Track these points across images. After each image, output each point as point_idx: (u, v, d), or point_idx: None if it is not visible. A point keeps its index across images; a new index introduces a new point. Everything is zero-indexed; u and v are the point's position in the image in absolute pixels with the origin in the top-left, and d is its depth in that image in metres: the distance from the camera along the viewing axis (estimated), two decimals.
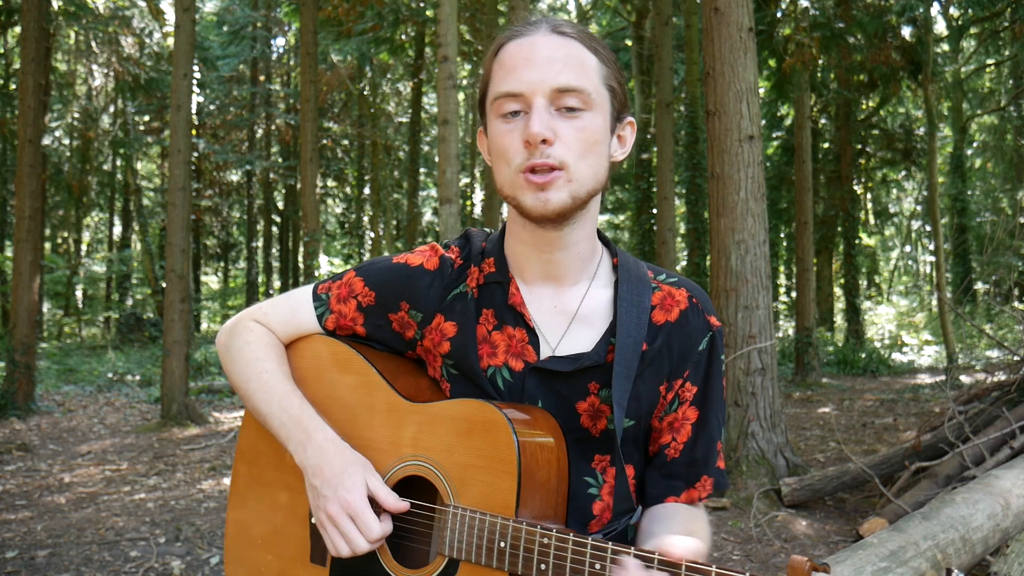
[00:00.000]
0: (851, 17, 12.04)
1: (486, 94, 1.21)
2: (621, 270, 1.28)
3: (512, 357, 1.25)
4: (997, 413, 5.15)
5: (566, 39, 1.17)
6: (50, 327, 23.76)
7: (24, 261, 9.88)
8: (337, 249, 27.02)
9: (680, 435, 1.27)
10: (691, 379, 1.27)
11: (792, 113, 15.86)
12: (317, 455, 1.23)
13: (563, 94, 1.14)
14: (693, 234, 15.78)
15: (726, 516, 5.15)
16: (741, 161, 5.77)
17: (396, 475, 1.24)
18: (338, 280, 1.38)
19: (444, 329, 1.29)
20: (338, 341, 1.36)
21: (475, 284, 1.29)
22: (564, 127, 1.14)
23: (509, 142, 1.16)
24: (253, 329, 1.39)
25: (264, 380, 1.33)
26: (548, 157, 1.13)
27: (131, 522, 5.35)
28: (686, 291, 1.29)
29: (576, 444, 1.24)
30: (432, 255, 1.33)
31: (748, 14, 5.92)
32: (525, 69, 1.14)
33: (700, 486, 1.27)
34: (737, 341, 5.69)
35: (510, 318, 1.26)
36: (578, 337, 1.25)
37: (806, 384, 12.44)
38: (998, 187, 24.07)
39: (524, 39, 1.17)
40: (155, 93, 18.21)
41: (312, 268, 12.76)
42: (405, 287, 1.31)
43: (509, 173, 1.17)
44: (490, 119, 1.20)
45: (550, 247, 1.23)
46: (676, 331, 1.26)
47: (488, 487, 1.13)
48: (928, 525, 3.30)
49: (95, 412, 10.81)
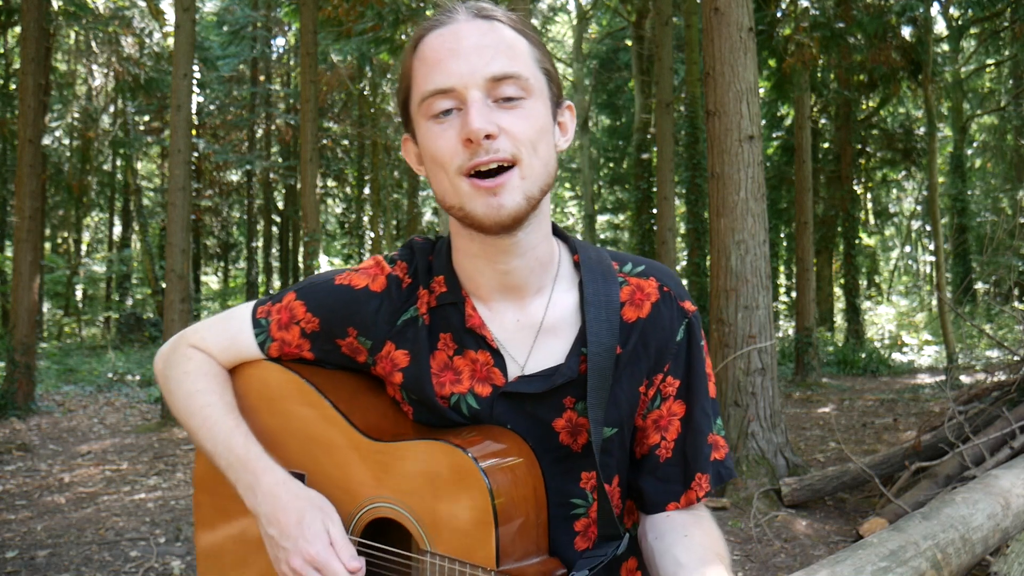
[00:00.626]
0: (851, 17, 12.04)
1: (409, 96, 1.08)
2: (584, 268, 1.15)
3: (478, 382, 1.15)
4: (997, 413, 5.15)
5: (492, 22, 1.05)
6: (50, 327, 23.75)
7: (24, 261, 9.89)
8: (337, 249, 27.02)
9: (669, 433, 1.18)
10: (672, 372, 1.17)
11: (792, 113, 15.86)
12: (269, 501, 1.13)
13: (499, 83, 1.02)
14: (693, 234, 15.78)
15: (726, 516, 5.15)
16: (741, 161, 5.77)
17: (365, 516, 1.16)
18: (278, 303, 1.24)
19: (395, 359, 1.18)
20: (287, 369, 1.24)
21: (426, 309, 1.17)
22: (506, 118, 1.02)
23: (444, 144, 1.03)
24: (192, 357, 1.27)
25: (206, 415, 1.21)
26: (496, 152, 1.01)
27: (131, 522, 5.35)
28: (655, 280, 1.18)
29: (558, 463, 1.15)
30: (378, 273, 1.20)
31: (748, 14, 5.92)
32: (452, 61, 1.02)
33: (696, 486, 1.18)
34: (737, 341, 5.69)
35: (470, 341, 1.15)
36: (547, 351, 1.14)
37: (806, 384, 12.45)
38: (998, 187, 24.08)
39: (445, 28, 1.04)
40: (155, 93, 18.21)
41: (312, 268, 12.76)
42: (351, 312, 1.19)
43: (449, 180, 1.04)
44: (418, 123, 1.07)
45: (505, 256, 1.10)
46: (650, 327, 1.15)
47: (464, 536, 1.05)
48: (928, 525, 3.30)
49: (95, 412, 10.82)
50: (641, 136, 18.49)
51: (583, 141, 22.95)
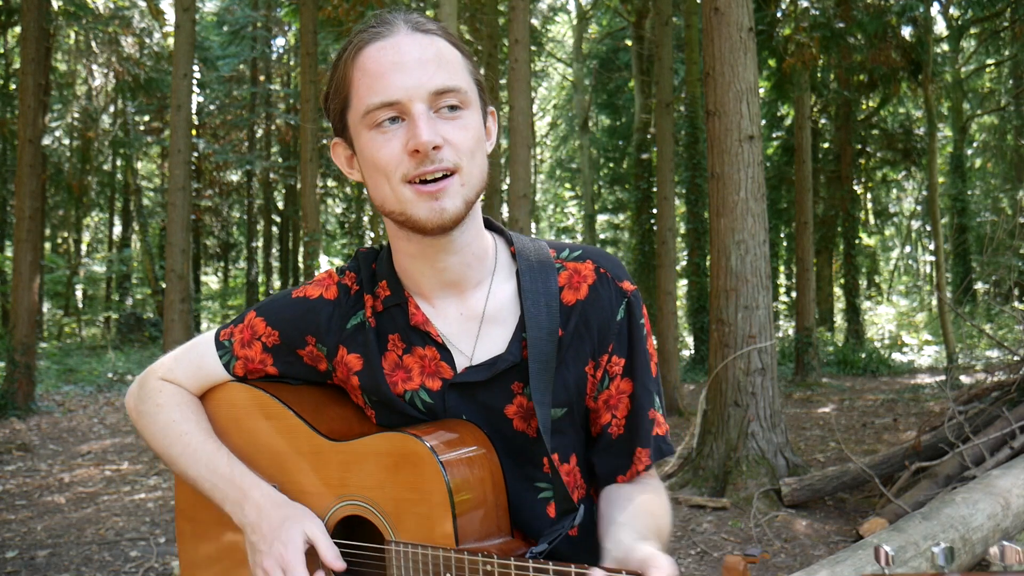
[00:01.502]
0: (851, 17, 12.04)
1: (347, 106, 1.12)
2: (520, 258, 1.21)
3: (428, 377, 1.20)
4: (997, 413, 5.15)
5: (430, 36, 1.10)
6: (50, 327, 23.75)
7: (24, 261, 9.89)
8: (337, 249, 27.01)
9: (619, 411, 1.23)
10: (616, 352, 1.21)
11: (792, 113, 15.86)
12: (255, 512, 1.19)
13: (441, 96, 1.08)
14: (693, 234, 15.78)
15: (726, 516, 5.15)
16: (741, 161, 5.77)
17: (335, 516, 1.21)
18: (239, 324, 1.31)
19: (349, 362, 1.24)
20: (251, 387, 1.30)
21: (371, 312, 1.23)
22: (447, 129, 1.08)
23: (387, 153, 1.08)
24: (162, 389, 1.32)
25: (186, 443, 1.27)
26: (441, 162, 1.07)
27: (131, 522, 5.35)
28: (592, 263, 1.22)
29: (518, 452, 1.19)
30: (331, 283, 1.27)
31: (748, 14, 5.92)
32: (397, 74, 1.07)
33: (636, 459, 1.23)
34: (737, 341, 5.69)
35: (416, 339, 1.21)
36: (492, 340, 1.20)
37: (806, 384, 12.44)
38: (998, 187, 24.07)
39: (386, 41, 1.09)
40: (155, 93, 18.22)
41: (312, 268, 12.76)
42: (307, 321, 1.25)
43: (391, 186, 1.09)
44: (358, 131, 1.12)
45: (442, 254, 1.17)
46: (589, 307, 1.20)
47: (425, 519, 1.10)
48: (928, 525, 3.30)
49: (95, 412, 10.82)
50: (641, 136, 18.48)
51: (583, 141, 22.94)
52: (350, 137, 1.15)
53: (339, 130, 1.17)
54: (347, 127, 1.14)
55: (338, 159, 1.20)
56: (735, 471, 5.56)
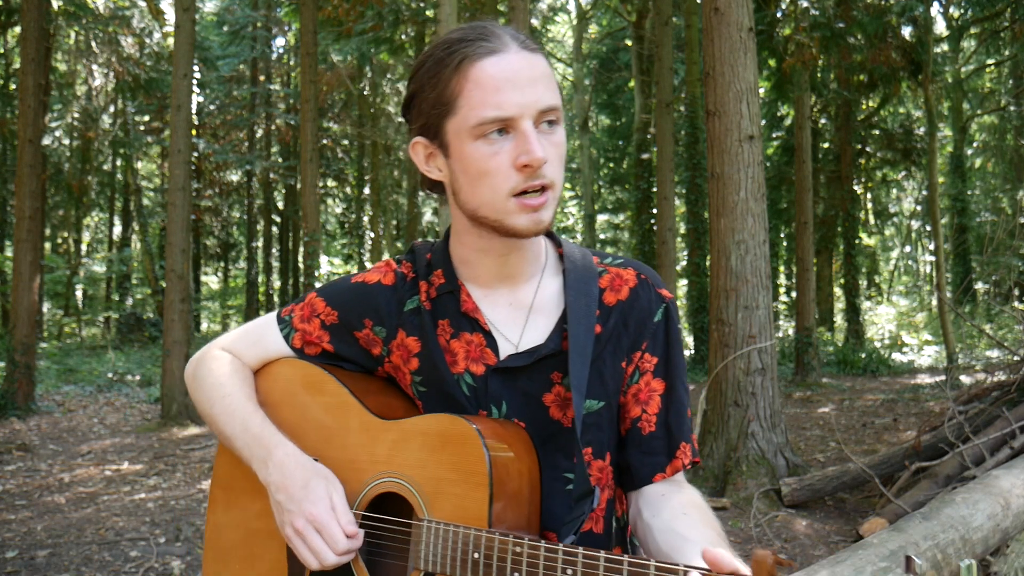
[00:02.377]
0: (851, 17, 12.04)
1: (452, 112, 1.16)
2: (567, 258, 1.30)
3: (472, 363, 1.26)
4: (997, 413, 5.15)
5: (534, 55, 1.16)
6: (50, 327, 23.76)
7: (24, 261, 9.89)
8: (337, 249, 27.04)
9: (650, 407, 1.27)
10: (650, 350, 1.28)
11: (792, 113, 15.86)
12: (278, 471, 1.24)
13: (545, 113, 1.14)
14: (693, 234, 15.78)
15: (726, 516, 5.15)
16: (741, 161, 5.77)
17: (371, 492, 1.24)
18: (300, 303, 1.39)
19: (408, 345, 1.30)
20: (308, 363, 1.36)
21: (426, 298, 1.30)
22: (547, 145, 1.15)
23: (496, 165, 1.14)
24: (218, 357, 1.41)
25: (227, 404, 1.34)
26: (543, 177, 1.15)
27: (131, 522, 5.35)
28: (633, 270, 1.31)
29: (552, 440, 1.24)
30: (388, 271, 1.35)
31: (748, 14, 5.92)
32: (511, 91, 1.12)
33: (681, 454, 1.27)
34: (737, 341, 5.69)
35: (465, 325, 1.27)
36: (537, 329, 1.26)
37: (806, 384, 12.45)
38: (998, 187, 24.07)
39: (499, 57, 1.14)
40: (155, 93, 18.22)
41: (312, 268, 12.77)
42: (366, 304, 1.33)
43: (497, 198, 1.15)
44: (460, 138, 1.16)
45: (507, 249, 1.25)
46: (628, 308, 1.28)
47: (461, 499, 1.13)
48: (928, 525, 3.30)
49: (95, 412, 10.82)
50: (641, 136, 18.49)
51: (583, 141, 22.93)
52: (445, 141, 1.19)
53: (430, 132, 1.21)
54: (443, 132, 1.19)
55: (416, 156, 1.25)
56: (735, 471, 5.56)
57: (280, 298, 25.62)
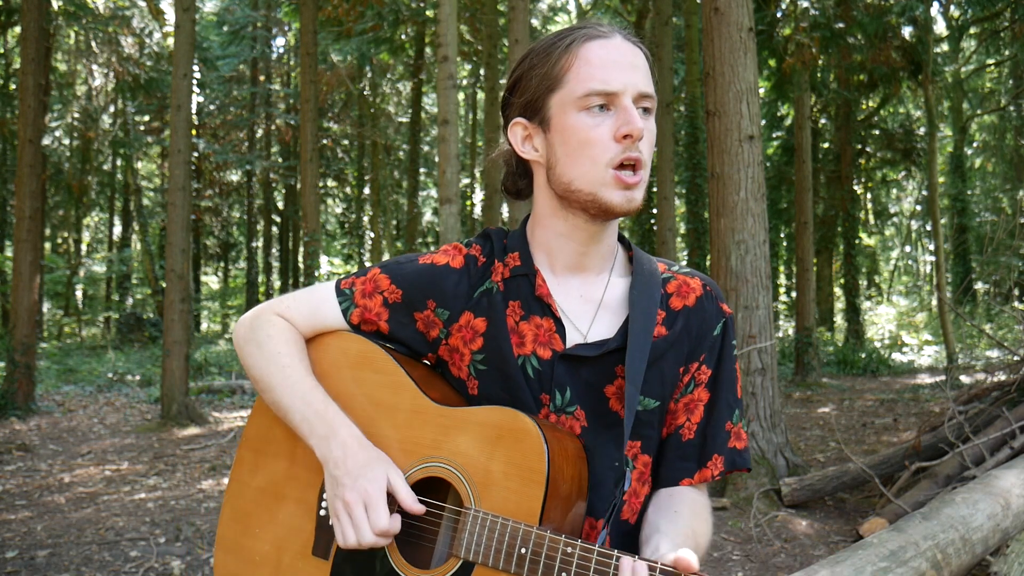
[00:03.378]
0: (851, 17, 12.04)
1: (558, 86, 1.23)
2: (636, 262, 1.33)
3: (540, 346, 1.28)
4: (997, 413, 5.15)
5: (637, 48, 1.25)
6: (50, 327, 23.75)
7: (24, 261, 9.89)
8: (337, 249, 27.03)
9: (694, 416, 1.32)
10: (706, 362, 1.32)
11: (792, 113, 15.86)
12: (341, 449, 1.25)
13: (643, 98, 1.22)
14: (693, 234, 15.78)
15: (726, 516, 5.15)
16: (741, 161, 5.77)
17: (415, 475, 1.25)
18: (362, 276, 1.39)
19: (475, 325, 1.31)
20: (364, 338, 1.36)
21: (500, 278, 1.32)
22: (644, 127, 1.21)
23: (598, 136, 1.19)
24: (275, 323, 1.39)
25: (287, 375, 1.33)
26: (640, 152, 1.20)
27: (131, 522, 5.35)
28: (700, 280, 1.35)
29: (607, 430, 1.27)
30: (457, 254, 1.36)
31: (748, 14, 5.92)
32: (616, 70, 1.20)
33: (712, 464, 1.31)
34: (737, 341, 5.69)
35: (537, 308, 1.29)
36: (605, 323, 1.29)
37: (806, 384, 12.44)
38: (998, 187, 24.07)
39: (607, 40, 1.24)
40: (155, 93, 18.21)
41: (312, 268, 12.76)
42: (433, 285, 1.33)
43: (596, 169, 1.20)
44: (564, 111, 1.22)
45: (590, 239, 1.28)
46: (694, 315, 1.32)
47: (514, 494, 1.14)
48: (928, 525, 3.30)
49: (95, 412, 10.82)
50: None
51: None
52: (547, 116, 1.24)
53: (530, 110, 1.26)
54: (546, 107, 1.24)
55: (514, 137, 1.29)
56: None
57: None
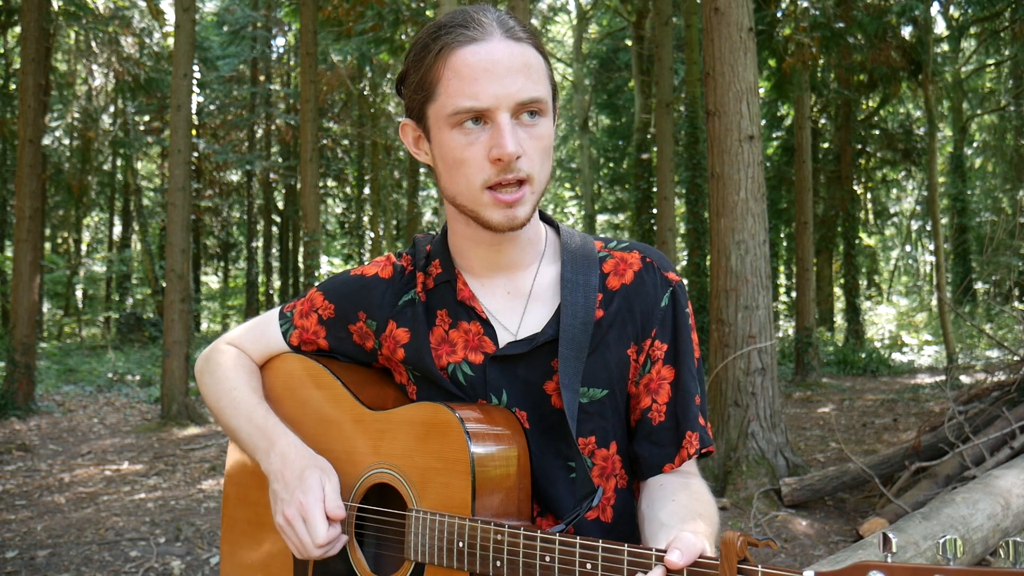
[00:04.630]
0: (851, 17, 12.03)
1: (431, 98, 1.14)
2: (564, 247, 1.27)
3: (471, 351, 1.24)
4: (997, 413, 5.15)
5: (520, 45, 1.12)
6: (50, 327, 23.75)
7: (24, 261, 9.89)
8: (337, 249, 27.01)
9: (660, 396, 1.25)
10: (659, 337, 1.25)
11: (792, 113, 15.86)
12: (279, 460, 1.25)
13: (525, 106, 1.11)
14: (693, 234, 15.78)
15: (726, 516, 5.15)
16: (741, 161, 5.77)
17: (366, 483, 1.25)
18: (302, 298, 1.41)
19: (397, 336, 1.29)
20: (307, 357, 1.39)
21: (422, 288, 1.30)
22: (525, 138, 1.12)
23: (471, 156, 1.12)
24: (226, 352, 1.44)
25: (233, 397, 1.36)
26: (518, 172, 1.11)
27: (131, 522, 5.35)
28: (639, 253, 1.28)
29: (554, 429, 1.22)
30: (387, 264, 1.35)
31: (748, 14, 5.92)
32: (487, 83, 1.09)
33: (687, 443, 1.24)
34: (737, 341, 5.69)
35: (463, 314, 1.26)
36: (535, 317, 1.24)
37: (806, 384, 12.44)
38: (998, 187, 24.06)
39: (479, 46, 1.10)
40: (155, 93, 18.21)
41: (312, 268, 12.76)
42: (361, 297, 1.33)
43: (471, 190, 1.13)
44: (439, 125, 1.15)
45: (500, 240, 1.23)
46: (633, 293, 1.24)
47: (446, 488, 1.13)
48: (928, 525, 3.30)
49: (95, 412, 10.82)
50: (641, 136, 18.48)
51: (583, 141, 22.93)
52: (427, 125, 1.18)
53: (415, 115, 1.20)
54: (425, 116, 1.18)
55: (406, 138, 1.24)
56: (735, 471, 5.56)
57: (280, 298, 25.62)
